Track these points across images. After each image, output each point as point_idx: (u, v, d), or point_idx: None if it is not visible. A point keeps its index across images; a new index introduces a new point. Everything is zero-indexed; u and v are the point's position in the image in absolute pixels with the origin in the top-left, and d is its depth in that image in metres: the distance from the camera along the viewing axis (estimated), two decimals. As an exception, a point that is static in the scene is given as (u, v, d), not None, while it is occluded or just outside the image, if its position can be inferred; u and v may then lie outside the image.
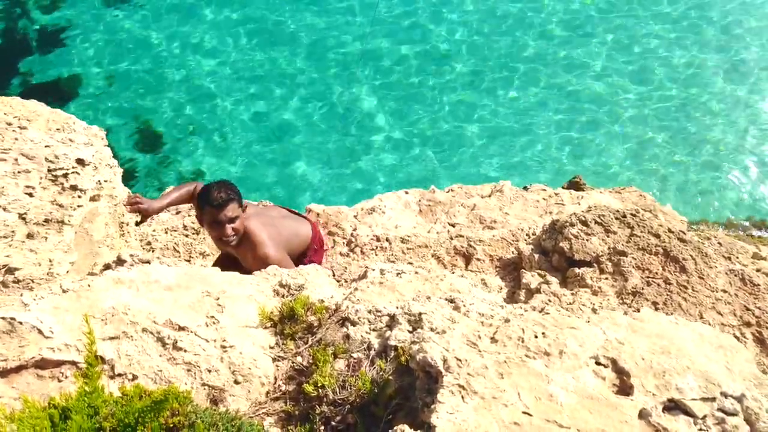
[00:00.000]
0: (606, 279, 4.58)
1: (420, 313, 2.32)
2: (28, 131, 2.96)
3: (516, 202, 6.21)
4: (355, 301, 2.59)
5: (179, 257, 5.25)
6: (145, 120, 11.49)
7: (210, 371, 2.27)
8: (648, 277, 4.51)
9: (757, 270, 4.60)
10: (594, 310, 4.22)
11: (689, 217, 8.24)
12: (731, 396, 1.77)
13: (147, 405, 1.77)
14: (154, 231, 5.26)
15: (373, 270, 2.87)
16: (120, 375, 2.22)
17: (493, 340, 1.92)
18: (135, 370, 2.23)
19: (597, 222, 5.01)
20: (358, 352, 2.33)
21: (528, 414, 1.71)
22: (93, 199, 3.03)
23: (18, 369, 2.14)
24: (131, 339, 2.30)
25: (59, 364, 2.19)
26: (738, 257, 4.78)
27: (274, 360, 2.37)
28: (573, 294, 4.43)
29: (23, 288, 2.47)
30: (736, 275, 4.52)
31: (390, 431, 1.81)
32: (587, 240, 4.88)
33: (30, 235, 2.68)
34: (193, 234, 5.61)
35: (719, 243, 4.95)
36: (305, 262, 3.59)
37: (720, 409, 1.75)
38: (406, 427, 1.73)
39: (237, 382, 2.28)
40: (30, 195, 2.76)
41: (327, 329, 2.44)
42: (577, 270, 4.71)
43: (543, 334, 1.92)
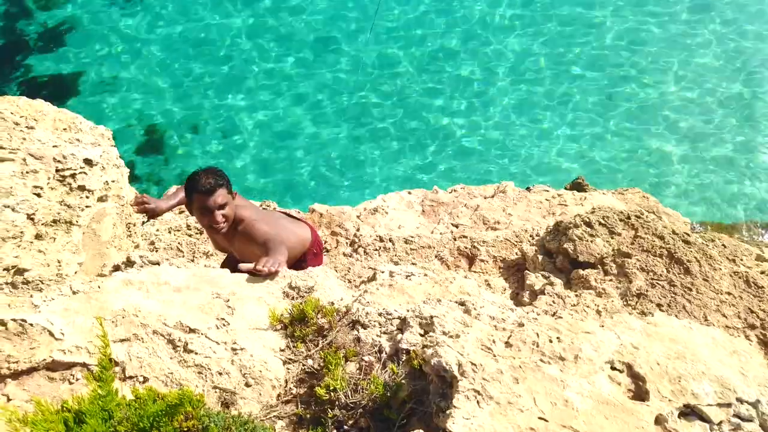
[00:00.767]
0: (610, 281, 4.58)
1: (431, 316, 2.31)
2: (35, 131, 2.95)
3: (519, 203, 6.20)
4: (365, 304, 2.58)
5: (182, 257, 5.24)
6: (147, 120, 11.46)
7: (221, 374, 2.27)
8: (652, 279, 4.51)
9: (762, 272, 4.60)
10: (599, 311, 4.23)
11: (692, 219, 8.23)
12: (747, 401, 1.77)
13: (161, 409, 1.76)
14: (157, 231, 5.25)
15: (382, 272, 2.86)
16: (131, 377, 2.21)
17: (508, 344, 1.92)
18: (146, 372, 2.23)
19: (601, 223, 5.00)
20: (369, 355, 2.32)
21: (544, 419, 1.70)
22: (101, 200, 3.01)
23: (29, 371, 2.13)
24: (142, 341, 2.29)
25: (70, 366, 2.19)
26: (742, 259, 4.77)
27: (284, 363, 2.37)
28: (577, 296, 4.43)
29: (33, 289, 2.46)
30: (740, 277, 4.52)
31: (405, 436, 1.81)
32: (591, 241, 4.87)
33: (38, 236, 2.66)
34: (197, 234, 5.60)
35: (723, 245, 4.94)
36: (303, 267, 3.46)
37: (736, 415, 1.75)
38: (421, 432, 1.72)
39: (248, 384, 2.27)
40: (38, 195, 2.74)
41: (337, 332, 2.44)
42: (582, 271, 4.70)
43: (558, 338, 1.91)
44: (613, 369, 1.85)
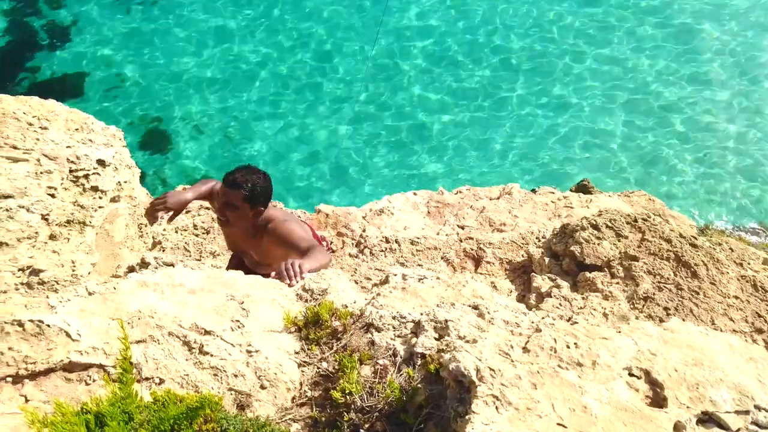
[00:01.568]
0: (617, 283, 4.58)
1: (446, 320, 2.32)
2: (49, 131, 2.96)
3: (525, 204, 6.22)
4: (379, 307, 2.59)
5: (189, 256, 5.25)
6: (153, 118, 11.48)
7: (236, 376, 2.27)
8: (659, 283, 4.52)
9: (769, 276, 4.60)
10: (605, 314, 4.24)
11: (696, 222, 8.25)
12: (764, 409, 1.78)
13: (182, 412, 1.77)
14: (164, 230, 5.26)
15: (395, 275, 2.87)
16: (147, 379, 2.22)
17: (525, 350, 1.92)
18: (162, 374, 2.23)
19: (608, 226, 5.01)
20: (383, 358, 2.33)
21: (563, 426, 1.71)
22: (113, 200, 3.02)
23: (47, 372, 2.14)
24: (158, 343, 2.30)
25: (87, 367, 2.19)
26: (750, 263, 4.78)
27: (299, 365, 2.37)
28: (584, 298, 4.44)
29: (48, 290, 2.47)
30: (747, 281, 4.53)
31: (423, 440, 1.82)
32: (598, 244, 4.88)
33: (53, 236, 2.67)
34: (203, 233, 5.61)
35: (731, 248, 4.96)
36: None
37: (754, 423, 1.75)
38: (440, 437, 1.73)
39: (263, 387, 2.28)
40: (52, 196, 2.75)
41: (352, 335, 2.44)
42: (588, 274, 4.71)
43: (575, 344, 1.92)
44: (631, 375, 1.86)
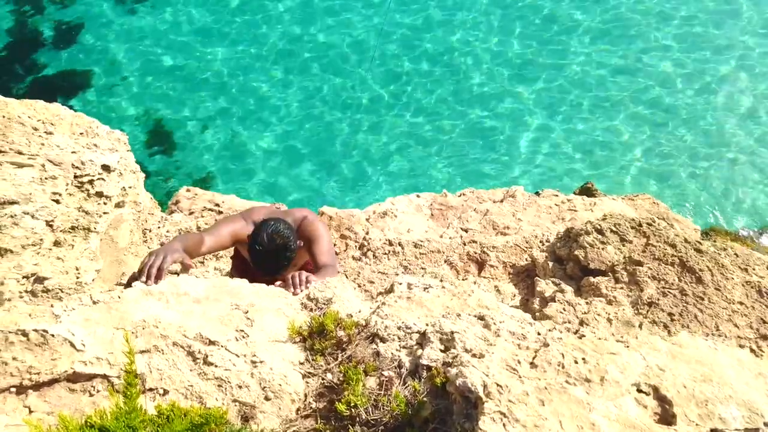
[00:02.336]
0: (621, 288, 4.56)
1: (452, 332, 2.30)
2: (54, 136, 2.94)
3: (529, 207, 6.19)
4: (384, 317, 2.58)
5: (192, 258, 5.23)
6: (157, 118, 11.46)
7: (241, 387, 2.26)
8: (664, 288, 4.50)
9: (774, 282, 4.58)
10: (609, 320, 4.22)
11: (700, 225, 8.21)
12: (774, 427, 1.77)
13: (187, 428, 1.76)
14: (167, 232, 5.24)
15: (400, 284, 2.85)
16: (151, 390, 2.21)
17: (533, 365, 1.91)
18: (166, 384, 2.22)
19: (612, 231, 4.98)
20: (388, 370, 2.32)
21: (571, 443, 1.70)
22: (118, 206, 3.01)
23: (51, 382, 2.13)
24: (162, 353, 2.29)
25: (91, 377, 2.18)
26: (755, 269, 4.76)
27: (304, 376, 2.36)
28: (588, 303, 4.42)
29: (52, 298, 2.46)
30: (752, 287, 4.50)
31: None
32: (602, 249, 4.86)
33: (57, 243, 2.66)
34: (206, 235, 5.59)
35: (736, 254, 4.93)
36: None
37: (763, 441, 1.74)
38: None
39: (267, 398, 2.27)
40: (57, 202, 2.74)
41: (357, 345, 2.43)
42: (592, 279, 4.69)
43: (583, 359, 1.90)
44: (640, 391, 1.85)
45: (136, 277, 2.47)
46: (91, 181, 2.91)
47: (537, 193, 6.75)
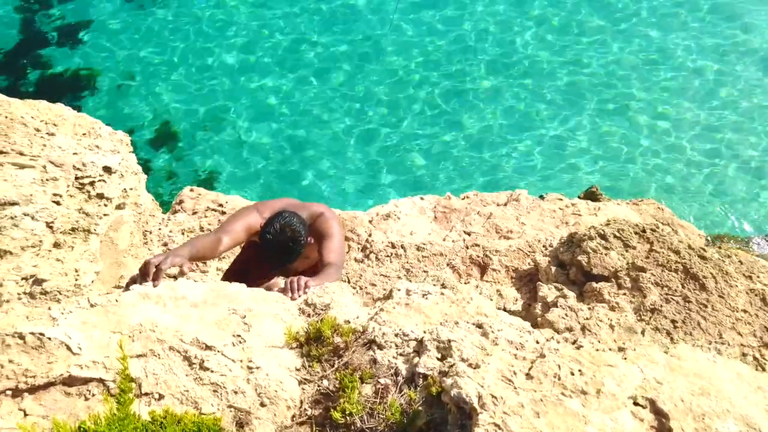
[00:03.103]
0: (624, 294, 4.54)
1: (449, 340, 2.29)
2: (56, 137, 2.95)
3: (532, 211, 6.16)
4: (381, 323, 2.57)
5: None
6: (160, 118, 11.49)
7: (236, 393, 2.26)
8: (667, 294, 4.47)
9: (779, 291, 4.54)
10: (611, 326, 4.19)
11: (706, 231, 8.16)
12: (772, 443, 1.75)
13: (179, 435, 1.75)
14: (170, 232, 5.25)
15: (399, 290, 2.84)
16: (147, 394, 2.21)
17: (529, 376, 1.90)
18: (162, 389, 2.22)
19: (616, 236, 4.95)
20: (384, 377, 2.31)
21: (565, 456, 1.68)
22: (118, 208, 3.01)
23: (46, 386, 2.13)
24: (158, 357, 2.29)
25: (87, 381, 2.18)
26: (759, 276, 4.72)
27: (300, 383, 2.36)
28: (590, 309, 4.40)
29: (51, 300, 2.46)
30: (756, 295, 4.47)
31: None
32: (606, 254, 4.83)
33: (57, 245, 2.66)
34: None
35: (740, 261, 4.89)
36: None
37: (760, 457, 1.72)
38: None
39: (263, 404, 2.26)
40: (57, 203, 2.74)
41: (353, 352, 2.42)
42: (595, 284, 4.66)
43: (579, 371, 1.89)
44: (636, 405, 1.83)
45: (135, 280, 2.49)
46: (92, 183, 2.91)
47: (541, 197, 6.72)
